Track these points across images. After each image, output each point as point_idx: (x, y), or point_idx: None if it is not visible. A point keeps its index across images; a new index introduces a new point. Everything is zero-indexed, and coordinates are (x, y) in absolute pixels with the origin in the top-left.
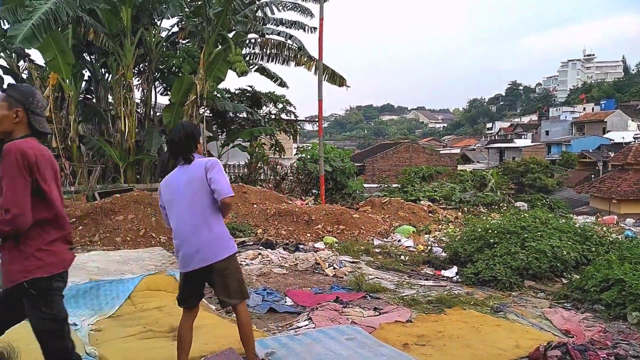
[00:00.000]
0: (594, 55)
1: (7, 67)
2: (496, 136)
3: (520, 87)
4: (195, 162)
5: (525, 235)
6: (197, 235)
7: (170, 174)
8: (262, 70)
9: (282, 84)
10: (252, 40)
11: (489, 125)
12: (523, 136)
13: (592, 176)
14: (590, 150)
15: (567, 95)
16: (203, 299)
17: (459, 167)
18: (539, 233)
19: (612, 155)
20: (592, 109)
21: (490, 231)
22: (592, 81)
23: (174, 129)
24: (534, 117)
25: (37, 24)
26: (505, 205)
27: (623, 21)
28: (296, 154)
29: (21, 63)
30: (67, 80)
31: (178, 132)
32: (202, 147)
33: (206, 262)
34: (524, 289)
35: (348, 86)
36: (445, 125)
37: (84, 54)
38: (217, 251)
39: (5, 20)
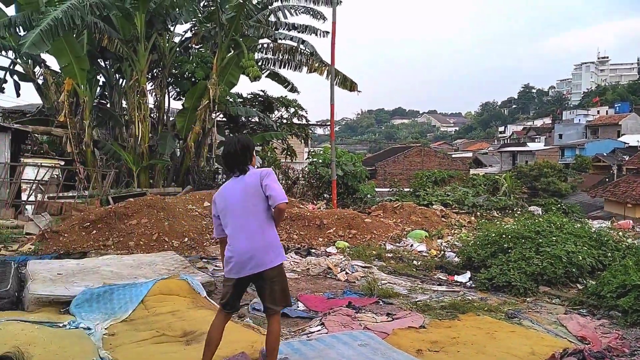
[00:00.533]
0: (607, 57)
1: (24, 73)
2: (509, 140)
3: (534, 90)
4: (250, 172)
5: (540, 240)
6: (251, 241)
7: (225, 184)
8: (274, 76)
9: (293, 89)
10: (265, 45)
11: (501, 128)
12: (536, 140)
13: (607, 180)
14: (605, 154)
15: (581, 98)
16: (215, 303)
17: (471, 171)
18: (554, 238)
19: (627, 158)
20: (607, 112)
21: (504, 236)
22: (606, 84)
23: (230, 142)
24: (547, 121)
25: (45, 29)
26: (518, 209)
27: (637, 23)
28: (307, 158)
29: (37, 69)
30: (82, 86)
31: (234, 144)
32: (255, 159)
33: (260, 269)
34: (538, 295)
35: (359, 91)
36: (457, 128)
37: (99, 60)
38: (270, 258)
39: (21, 27)
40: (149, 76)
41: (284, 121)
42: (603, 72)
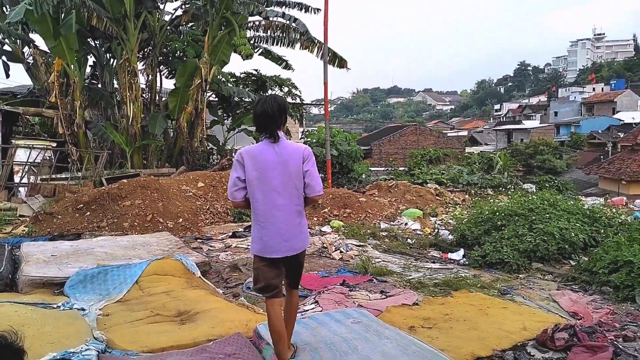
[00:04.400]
0: (603, 34)
1: (12, 52)
2: (504, 118)
3: (529, 68)
4: (287, 145)
5: (533, 217)
6: (288, 223)
7: (255, 148)
8: (267, 54)
9: (288, 67)
10: (257, 23)
11: (497, 106)
12: (532, 117)
13: (602, 157)
14: (600, 131)
15: (577, 75)
16: (210, 283)
17: (467, 150)
18: (547, 215)
19: (622, 135)
20: (602, 89)
21: (497, 213)
22: (602, 61)
23: (265, 101)
24: (543, 98)
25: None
26: (512, 187)
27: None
28: (301, 138)
29: (26, 49)
30: (72, 66)
31: (271, 104)
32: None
33: (294, 252)
34: (531, 272)
35: (348, 68)
36: (453, 107)
37: (88, 39)
38: (303, 242)
39: (8, 6)
40: (140, 55)
41: None
42: (599, 49)
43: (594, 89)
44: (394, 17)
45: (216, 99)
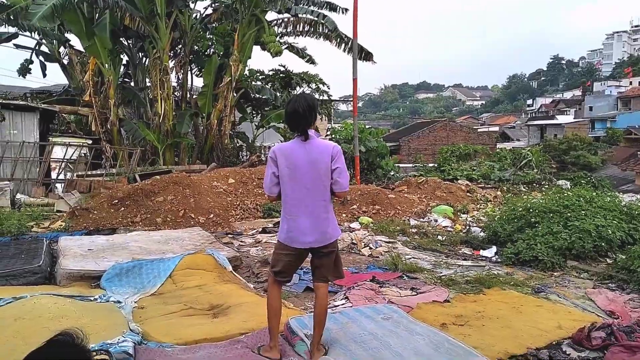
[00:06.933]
0: None
1: (49, 53)
2: (537, 113)
3: (563, 62)
4: (317, 143)
5: (568, 214)
6: (316, 217)
7: (287, 146)
8: (291, 48)
9: (310, 61)
10: (285, 19)
11: (529, 101)
12: (566, 112)
13: (639, 153)
14: (637, 126)
15: (613, 69)
16: (241, 278)
17: (498, 146)
18: (583, 212)
19: None
20: (639, 82)
21: (531, 210)
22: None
23: (296, 100)
24: (577, 93)
25: (57, 3)
26: (546, 183)
27: None
28: (327, 134)
29: (62, 49)
30: (106, 65)
31: (301, 103)
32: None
33: (321, 244)
34: (566, 270)
35: (374, 61)
36: (484, 102)
37: (122, 39)
38: (331, 234)
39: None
40: (171, 54)
41: None
42: (636, 42)
43: (630, 83)
44: (423, 12)
45: (244, 97)
